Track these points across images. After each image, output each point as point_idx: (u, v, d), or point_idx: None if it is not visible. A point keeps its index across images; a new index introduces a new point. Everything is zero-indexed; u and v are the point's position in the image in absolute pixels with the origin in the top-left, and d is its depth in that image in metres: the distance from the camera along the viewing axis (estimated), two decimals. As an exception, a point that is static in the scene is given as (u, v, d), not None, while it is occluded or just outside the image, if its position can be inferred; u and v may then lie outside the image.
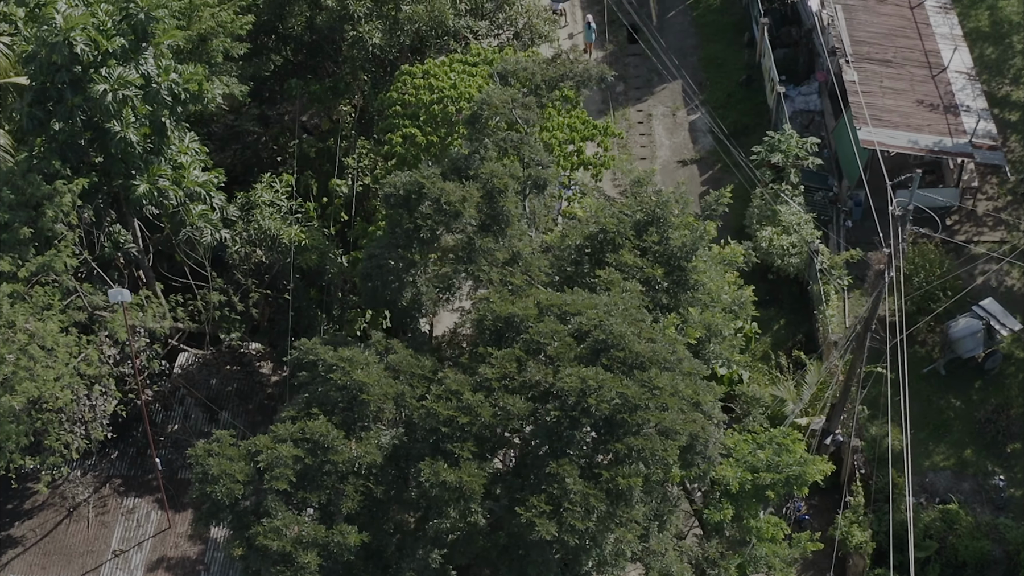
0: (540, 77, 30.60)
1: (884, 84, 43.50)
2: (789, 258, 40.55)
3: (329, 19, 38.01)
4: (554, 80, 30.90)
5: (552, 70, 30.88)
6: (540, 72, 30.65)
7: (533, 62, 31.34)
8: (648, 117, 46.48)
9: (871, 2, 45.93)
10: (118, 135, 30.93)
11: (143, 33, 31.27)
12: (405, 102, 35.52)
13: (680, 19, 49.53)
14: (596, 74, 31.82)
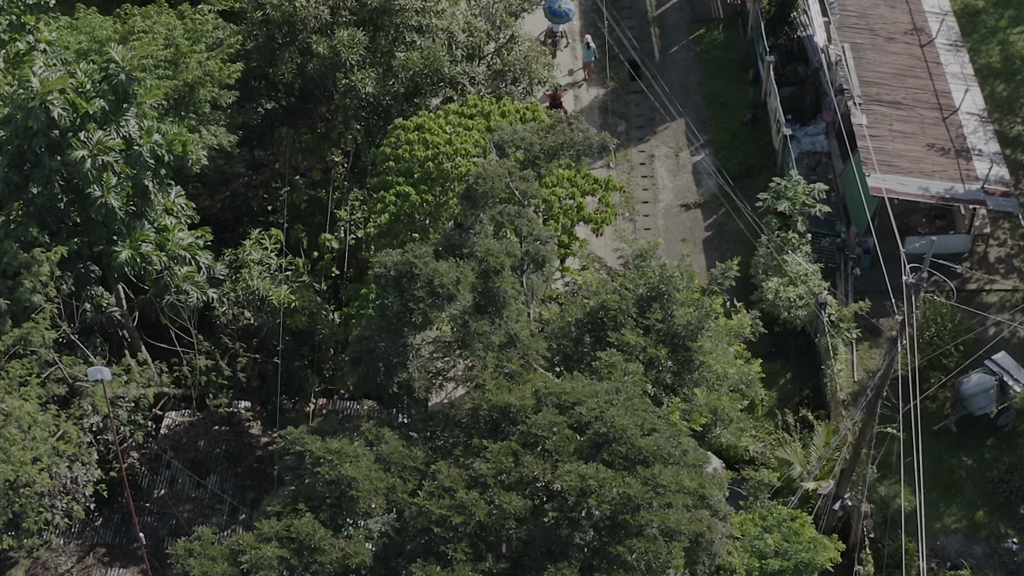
0: (539, 147, 29.32)
1: (894, 127, 42.21)
2: (796, 310, 39.28)
3: (320, 67, 36.73)
4: (553, 149, 29.60)
5: (551, 139, 29.58)
6: (538, 142, 29.36)
7: (531, 131, 30.06)
8: (650, 158, 45.18)
9: (880, 40, 44.63)
10: (99, 200, 29.67)
11: (124, 94, 29.99)
12: (399, 156, 34.25)
13: (683, 54, 48.21)
14: (597, 143, 30.52)
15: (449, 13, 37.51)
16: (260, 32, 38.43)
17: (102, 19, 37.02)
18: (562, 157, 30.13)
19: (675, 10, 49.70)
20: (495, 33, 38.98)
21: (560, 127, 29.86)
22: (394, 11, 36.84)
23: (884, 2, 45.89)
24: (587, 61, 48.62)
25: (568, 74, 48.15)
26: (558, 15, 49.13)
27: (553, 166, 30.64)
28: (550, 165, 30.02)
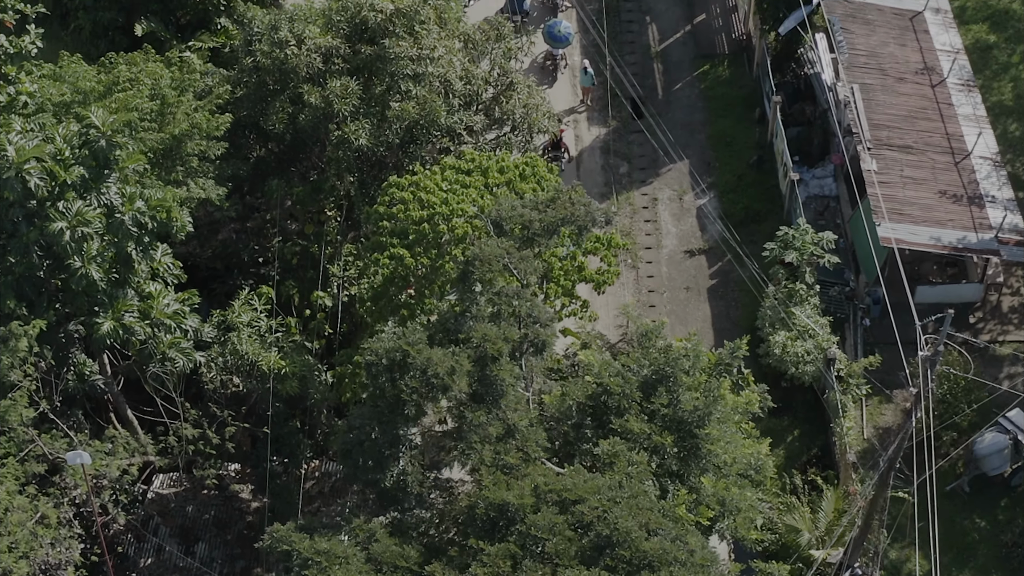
0: (538, 224, 28.02)
1: (904, 173, 40.92)
2: (804, 366, 38.02)
3: (312, 117, 35.44)
4: (554, 225, 28.32)
5: (551, 213, 28.26)
6: (538, 218, 28.06)
7: (530, 205, 28.76)
8: (654, 201, 43.91)
9: (890, 80, 43.32)
10: (79, 271, 28.40)
11: (105, 160, 28.71)
12: (393, 215, 32.98)
13: (687, 92, 46.91)
14: (600, 218, 29.25)
15: (446, 60, 36.24)
16: (250, 79, 37.17)
17: (86, 68, 35.74)
18: (564, 232, 28.82)
19: (679, 45, 48.39)
20: (493, 78, 37.65)
21: (561, 200, 28.57)
22: (388, 59, 35.57)
23: (894, 40, 44.58)
24: (586, 87, 47.41)
25: (568, 114, 46.88)
26: (558, 39, 47.98)
27: (553, 242, 29.36)
28: (550, 241, 28.73)
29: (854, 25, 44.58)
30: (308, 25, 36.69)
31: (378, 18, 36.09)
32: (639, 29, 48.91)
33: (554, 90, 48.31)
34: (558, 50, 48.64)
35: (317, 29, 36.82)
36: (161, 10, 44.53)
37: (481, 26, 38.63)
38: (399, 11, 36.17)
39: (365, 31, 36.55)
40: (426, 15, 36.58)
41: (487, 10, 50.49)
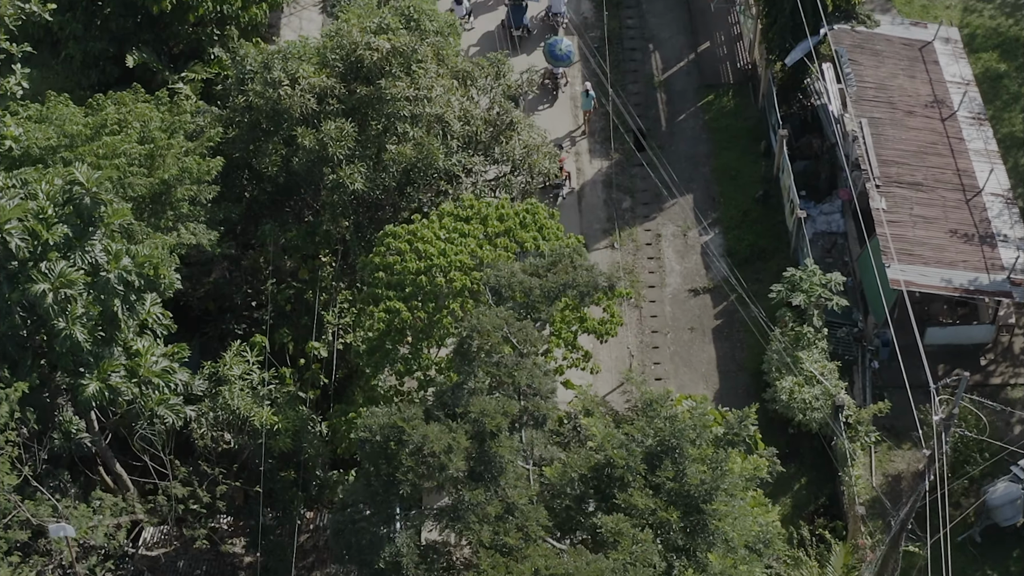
0: (539, 292, 26.98)
1: (914, 212, 39.88)
2: (811, 412, 37.00)
3: (306, 161, 34.42)
4: (555, 291, 27.29)
5: (552, 279, 27.22)
6: (539, 285, 27.03)
7: (531, 269, 27.73)
8: (657, 238, 42.86)
9: (899, 114, 42.27)
10: (63, 332, 27.40)
11: (89, 217, 27.69)
12: (389, 266, 31.96)
13: (691, 123, 45.86)
14: (603, 283, 28.22)
15: (443, 100, 35.21)
16: (243, 119, 36.16)
17: (73, 111, 34.74)
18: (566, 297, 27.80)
19: (682, 74, 47.33)
20: (492, 116, 36.62)
21: (562, 264, 27.53)
22: (385, 100, 34.55)
23: (903, 71, 43.54)
24: (586, 110, 46.45)
25: (571, 143, 45.92)
26: (558, 58, 47.03)
27: (554, 309, 28.34)
28: (551, 309, 27.70)
29: (862, 56, 43.52)
30: (302, 64, 35.67)
31: (374, 57, 35.08)
32: (642, 57, 47.87)
33: (554, 110, 47.39)
34: (558, 69, 47.69)
35: (311, 68, 35.80)
36: (153, 40, 43.61)
37: (480, 62, 37.61)
38: (395, 50, 35.17)
39: (360, 70, 35.54)
40: (423, 54, 35.57)
41: (488, 25, 49.67)
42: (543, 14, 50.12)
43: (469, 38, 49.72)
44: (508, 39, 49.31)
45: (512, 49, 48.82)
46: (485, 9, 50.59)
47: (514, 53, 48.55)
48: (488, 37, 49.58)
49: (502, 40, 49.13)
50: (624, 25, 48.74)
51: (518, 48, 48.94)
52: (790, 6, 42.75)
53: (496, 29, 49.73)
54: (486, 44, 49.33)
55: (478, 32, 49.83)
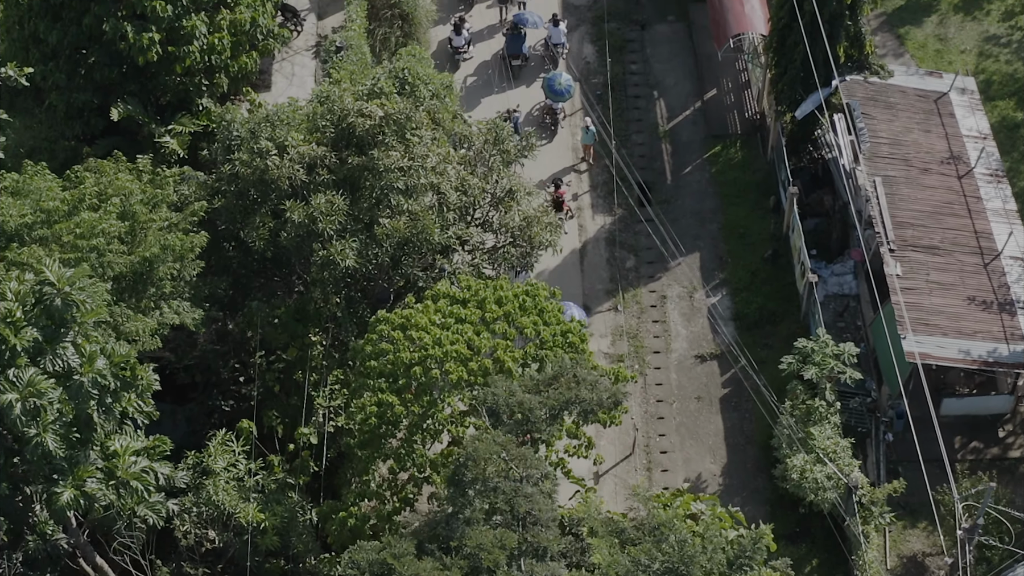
0: (539, 412, 25.42)
1: (930, 278, 38.28)
2: (824, 492, 35.43)
3: (295, 235, 32.83)
4: (556, 409, 25.73)
5: (554, 395, 25.66)
6: (539, 404, 25.45)
7: (531, 386, 26.16)
8: (662, 300, 41.24)
9: (914, 171, 40.64)
10: (34, 440, 25.85)
11: (61, 319, 26.12)
12: (381, 353, 30.38)
13: (697, 176, 44.22)
14: (609, 402, 26.63)
15: (439, 169, 33.62)
16: (229, 188, 34.57)
17: (50, 183, 33.13)
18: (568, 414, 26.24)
19: (688, 124, 45.67)
20: (490, 184, 35.05)
21: (564, 379, 25.94)
22: (377, 171, 32.96)
23: (918, 126, 41.90)
24: (586, 144, 44.95)
25: (568, 172, 44.35)
26: (558, 93, 45.47)
27: (555, 429, 26.78)
28: (552, 429, 26.13)
29: (875, 110, 41.88)
30: (291, 131, 34.08)
31: (366, 124, 33.48)
32: (646, 105, 46.22)
33: (553, 145, 45.89)
34: (558, 104, 46.12)
35: (300, 135, 34.21)
36: (140, 91, 41.98)
37: (479, 125, 35.99)
38: (389, 117, 33.57)
39: (352, 136, 33.96)
40: (418, 120, 33.97)
41: (486, 54, 48.12)
42: (542, 43, 48.62)
43: (466, 68, 48.23)
44: (506, 69, 47.80)
45: (510, 80, 47.33)
46: (482, 38, 48.99)
47: (512, 84, 47.06)
48: (485, 67, 48.04)
49: (500, 70, 47.60)
50: (628, 71, 47.09)
51: (515, 79, 47.42)
52: (800, 57, 41.12)
53: (493, 59, 48.16)
54: (483, 74, 47.79)
55: (475, 61, 48.24)
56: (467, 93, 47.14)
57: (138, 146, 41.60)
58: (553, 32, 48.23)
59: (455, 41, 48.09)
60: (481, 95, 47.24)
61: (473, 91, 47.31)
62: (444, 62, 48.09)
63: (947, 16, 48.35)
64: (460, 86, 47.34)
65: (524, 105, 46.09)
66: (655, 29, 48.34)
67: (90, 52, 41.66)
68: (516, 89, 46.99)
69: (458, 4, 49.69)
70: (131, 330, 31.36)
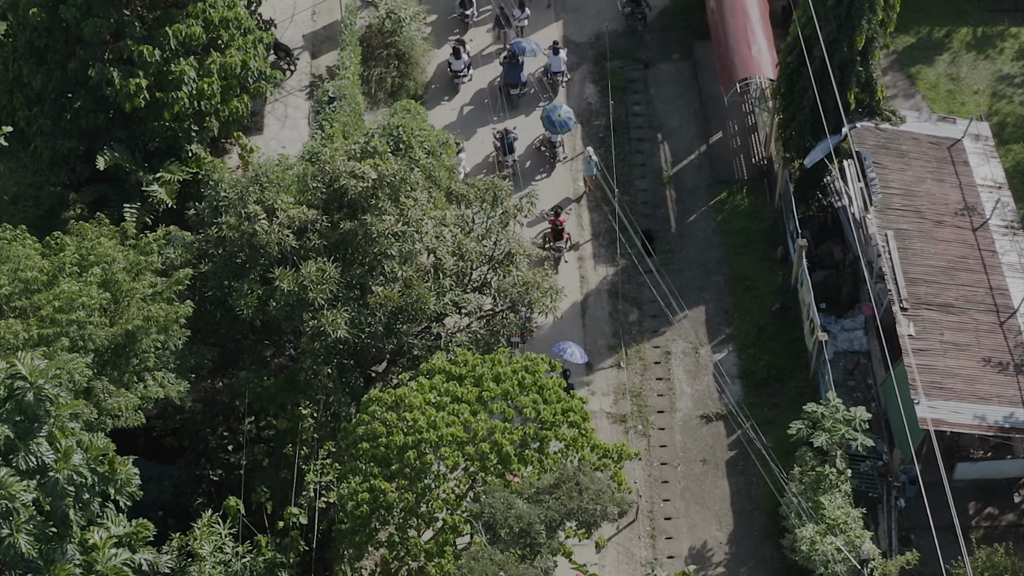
0: (537, 527, 24.08)
1: (944, 338, 36.93)
2: (834, 565, 34.13)
3: (285, 304, 31.51)
4: (557, 520, 24.39)
5: (555, 505, 24.30)
6: (538, 515, 24.12)
7: (531, 494, 24.84)
8: (666, 356, 39.90)
9: (927, 224, 39.27)
10: (7, 540, 24.56)
11: (34, 415, 24.80)
12: (374, 434, 29.06)
13: (702, 224, 42.84)
14: (613, 510, 25.30)
15: (435, 234, 32.30)
16: (217, 251, 33.24)
17: (28, 253, 31.78)
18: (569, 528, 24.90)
19: (693, 168, 44.29)
20: (488, 247, 33.72)
21: (566, 486, 24.62)
22: (370, 237, 31.63)
23: (931, 175, 40.53)
24: (588, 175, 43.71)
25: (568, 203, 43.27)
26: (557, 126, 44.12)
27: (556, 542, 25.43)
28: (552, 542, 24.80)
29: (887, 158, 40.51)
30: (280, 193, 32.74)
31: (359, 187, 32.13)
32: (650, 148, 44.83)
33: (552, 179, 44.59)
34: (557, 136, 44.77)
35: (290, 197, 32.88)
36: (127, 137, 40.73)
37: (476, 184, 34.65)
38: (382, 179, 32.23)
39: (344, 198, 32.63)
40: (413, 182, 32.64)
41: (483, 81, 46.92)
42: (541, 71, 47.36)
43: (464, 94, 47.00)
44: (504, 98, 46.57)
45: (507, 109, 46.14)
46: (478, 64, 47.77)
47: (509, 113, 45.92)
48: (481, 95, 46.83)
49: (497, 99, 46.40)
50: (631, 112, 45.68)
51: (513, 108, 46.28)
52: (810, 103, 39.75)
53: (491, 87, 46.98)
54: (479, 103, 46.56)
55: (472, 89, 46.97)
56: (464, 120, 45.94)
57: (125, 194, 40.45)
58: (553, 60, 46.93)
59: (454, 65, 46.86)
60: (478, 124, 45.97)
61: (470, 119, 46.07)
62: (443, 86, 46.88)
63: (959, 54, 46.98)
64: (457, 113, 46.13)
65: (522, 136, 44.81)
66: (659, 68, 46.95)
67: (76, 97, 40.47)
68: (514, 119, 45.77)
69: (453, 28, 48.35)
70: (113, 406, 30.09)
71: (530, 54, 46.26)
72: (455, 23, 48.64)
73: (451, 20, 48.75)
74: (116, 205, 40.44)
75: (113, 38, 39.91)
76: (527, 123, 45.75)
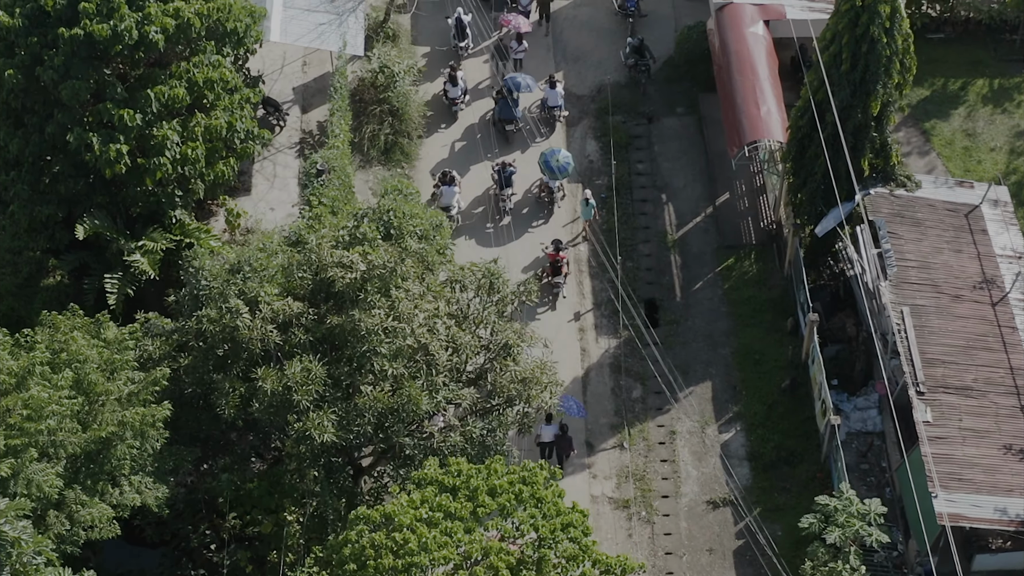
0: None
1: (963, 424, 35.19)
2: (848, 666, 32.56)
3: (268, 406, 29.79)
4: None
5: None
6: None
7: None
8: (671, 435, 38.15)
9: (944, 299, 37.49)
10: None
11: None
12: (360, 556, 27.33)
13: (709, 293, 41.06)
14: None
15: (427, 329, 30.56)
16: (197, 344, 31.50)
17: (-2, 349, 30.11)
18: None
19: (699, 232, 42.47)
20: (484, 338, 31.99)
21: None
22: (359, 334, 29.90)
23: (948, 245, 38.75)
24: (586, 219, 42.18)
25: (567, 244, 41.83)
26: (555, 171, 42.45)
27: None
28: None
29: (902, 228, 38.73)
30: (264, 284, 30.99)
31: (347, 279, 30.39)
32: (653, 210, 43.04)
33: (550, 225, 42.95)
34: (555, 181, 43.05)
35: (274, 289, 31.13)
36: (108, 202, 39.01)
37: (472, 268, 32.87)
38: (372, 269, 30.47)
39: (332, 288, 30.89)
40: (404, 272, 30.89)
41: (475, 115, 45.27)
42: (538, 106, 45.71)
43: (458, 127, 45.44)
44: (498, 134, 44.94)
45: (500, 145, 44.58)
46: (476, 95, 46.16)
47: (504, 150, 44.50)
48: (473, 130, 45.33)
49: (491, 135, 44.90)
50: (634, 171, 43.87)
51: (507, 144, 44.80)
52: (822, 169, 38.01)
53: (484, 122, 45.54)
54: (471, 138, 44.92)
55: (465, 121, 45.40)
56: (458, 155, 44.57)
57: (107, 262, 38.82)
58: (549, 94, 45.24)
59: (451, 92, 45.32)
60: (473, 158, 44.47)
61: (463, 153, 44.60)
62: (440, 113, 45.44)
63: (975, 108, 45.18)
64: (449, 150, 44.56)
65: (518, 176, 43.26)
66: (663, 123, 45.14)
67: (54, 161, 38.83)
68: (509, 156, 44.17)
69: (447, 60, 46.76)
70: (86, 518, 28.43)
71: (524, 89, 44.59)
72: (449, 55, 47.05)
73: (445, 52, 47.15)
74: (97, 273, 38.87)
75: (94, 99, 38.28)
76: (522, 159, 44.18)
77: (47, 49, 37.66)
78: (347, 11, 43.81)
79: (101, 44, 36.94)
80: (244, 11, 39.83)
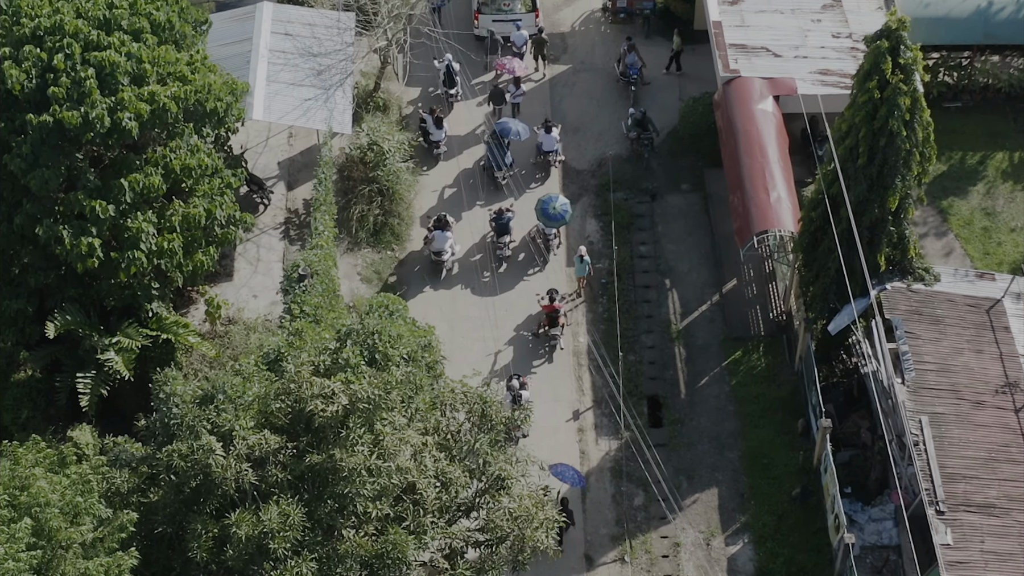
0: None
1: (986, 546, 33.11)
2: None
3: (243, 554, 27.68)
4: None
5: None
6: None
7: None
8: (675, 548, 36.06)
9: (965, 406, 35.36)
10: None
11: None
12: None
13: (715, 389, 38.92)
14: None
15: (414, 466, 28.45)
16: (168, 478, 29.38)
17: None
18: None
19: (705, 321, 40.32)
20: (476, 469, 29.89)
21: None
22: (340, 475, 27.78)
23: (968, 344, 36.58)
24: (580, 276, 40.45)
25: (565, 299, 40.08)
26: (552, 219, 40.52)
27: None
28: None
29: (920, 327, 36.59)
30: (239, 417, 28.87)
31: (327, 412, 28.26)
32: (657, 297, 40.88)
33: (546, 273, 41.02)
34: (551, 229, 41.12)
35: (250, 419, 29.02)
36: (80, 296, 37.02)
37: (464, 391, 30.75)
38: (356, 403, 28.32)
39: (312, 422, 28.76)
40: (391, 403, 28.77)
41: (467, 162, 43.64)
42: (535, 152, 43.96)
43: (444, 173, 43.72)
44: (490, 181, 43.22)
45: (494, 192, 43.08)
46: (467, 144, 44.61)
47: (494, 197, 42.86)
48: (466, 175, 43.59)
49: (482, 181, 43.12)
50: (636, 253, 41.72)
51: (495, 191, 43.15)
52: (835, 265, 35.89)
53: (478, 167, 43.86)
54: (464, 184, 43.06)
55: (455, 168, 43.55)
56: (451, 201, 43.02)
57: (79, 359, 36.89)
58: (544, 139, 43.34)
59: (434, 135, 43.73)
60: (466, 204, 42.63)
61: (456, 199, 42.91)
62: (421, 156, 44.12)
63: (995, 185, 43.00)
64: (438, 196, 42.63)
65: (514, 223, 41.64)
66: (667, 200, 42.99)
67: (23, 253, 36.88)
68: (505, 201, 42.58)
69: (437, 103, 45.30)
70: None
71: (514, 136, 42.72)
72: (438, 101, 45.17)
73: (434, 97, 45.23)
74: (70, 371, 36.98)
75: (65, 186, 36.30)
76: (517, 207, 42.39)
77: (15, 135, 35.80)
78: (334, 85, 41.64)
79: (72, 131, 34.95)
80: (225, 88, 37.81)
